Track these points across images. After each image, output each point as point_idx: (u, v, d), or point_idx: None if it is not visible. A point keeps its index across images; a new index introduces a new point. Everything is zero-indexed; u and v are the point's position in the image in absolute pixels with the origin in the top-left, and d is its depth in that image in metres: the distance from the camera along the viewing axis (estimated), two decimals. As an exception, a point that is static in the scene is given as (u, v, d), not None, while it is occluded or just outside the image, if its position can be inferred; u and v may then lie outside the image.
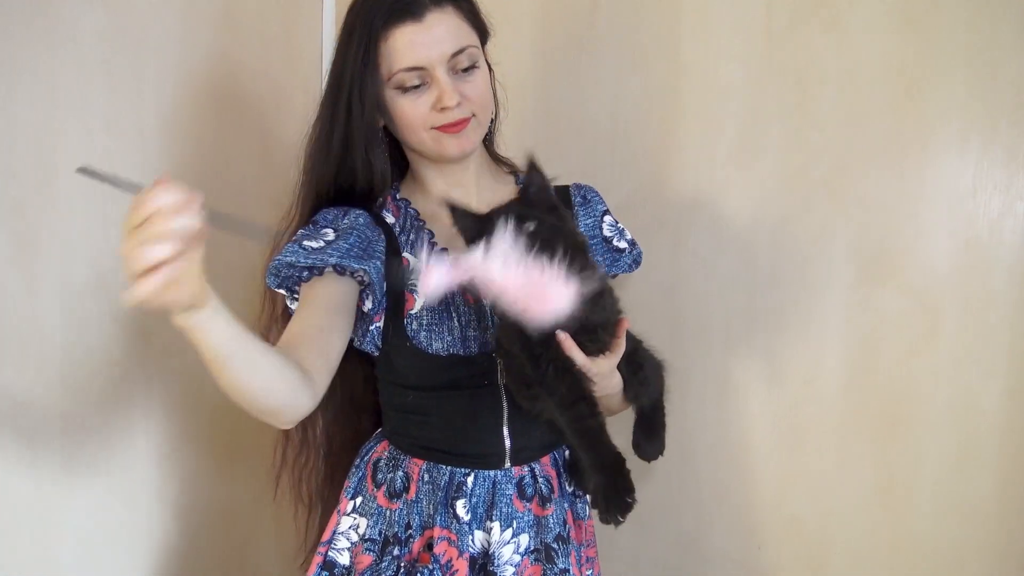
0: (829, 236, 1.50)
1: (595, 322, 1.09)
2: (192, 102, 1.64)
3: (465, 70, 1.23)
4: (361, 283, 1.24)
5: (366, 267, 1.21)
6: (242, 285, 1.44)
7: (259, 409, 1.07)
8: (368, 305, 1.25)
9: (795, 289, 1.54)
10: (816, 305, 1.52)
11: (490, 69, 1.32)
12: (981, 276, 1.41)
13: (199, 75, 1.65)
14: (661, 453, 1.29)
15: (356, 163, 1.27)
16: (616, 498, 1.06)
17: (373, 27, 1.20)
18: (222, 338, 0.96)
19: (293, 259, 1.20)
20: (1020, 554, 1.42)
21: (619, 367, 1.16)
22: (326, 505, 1.43)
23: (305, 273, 1.21)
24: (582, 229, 1.36)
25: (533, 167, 1.15)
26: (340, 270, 1.21)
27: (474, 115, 1.25)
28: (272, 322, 1.36)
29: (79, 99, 1.45)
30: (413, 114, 1.23)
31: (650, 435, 1.29)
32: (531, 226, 1.05)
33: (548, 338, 1.07)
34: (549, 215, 1.11)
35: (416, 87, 1.22)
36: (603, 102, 1.68)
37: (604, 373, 1.13)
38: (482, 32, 1.30)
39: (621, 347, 1.13)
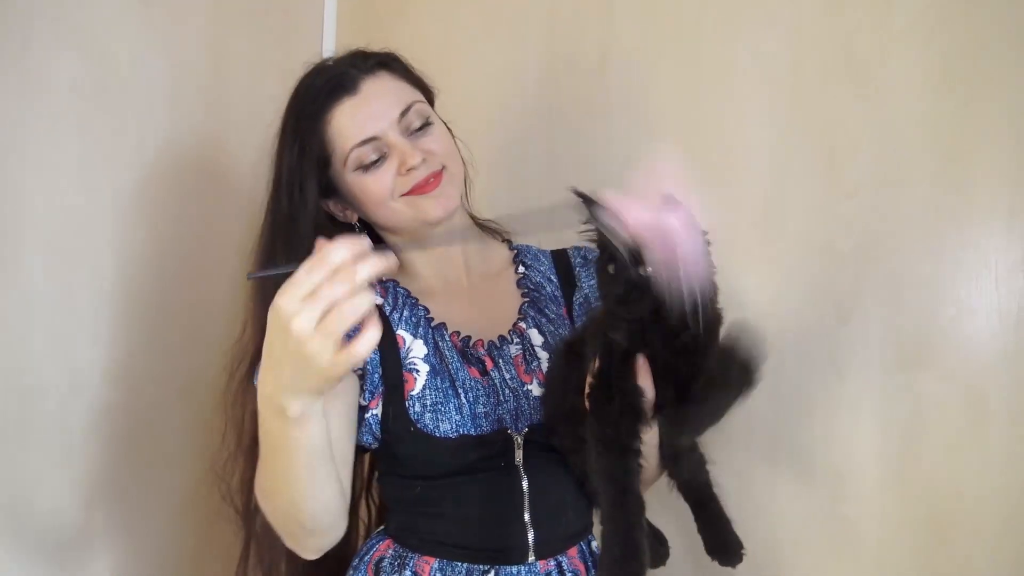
0: (861, 315, 1.41)
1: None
2: (175, 163, 1.59)
3: (420, 128, 1.19)
4: (360, 375, 1.16)
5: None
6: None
7: (315, 527, 1.05)
8: (364, 397, 1.17)
9: (824, 373, 1.43)
10: (848, 391, 1.41)
11: (447, 127, 1.27)
12: None
13: (184, 133, 1.60)
14: (742, 549, 1.19)
15: None
16: (631, 573, 0.97)
17: (310, 116, 1.17)
18: (323, 434, 0.96)
19: None
20: None
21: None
22: None
23: None
24: (585, 291, 1.30)
25: None
26: None
27: (445, 167, 1.19)
28: (236, 455, 1.25)
29: (51, 156, 1.38)
30: (379, 187, 1.18)
31: (718, 529, 1.20)
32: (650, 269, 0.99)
33: (628, 361, 1.02)
34: None
35: (376, 162, 1.17)
36: (613, 168, 1.60)
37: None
38: (424, 90, 1.27)
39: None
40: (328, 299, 0.82)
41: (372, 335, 0.84)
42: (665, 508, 1.31)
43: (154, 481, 1.56)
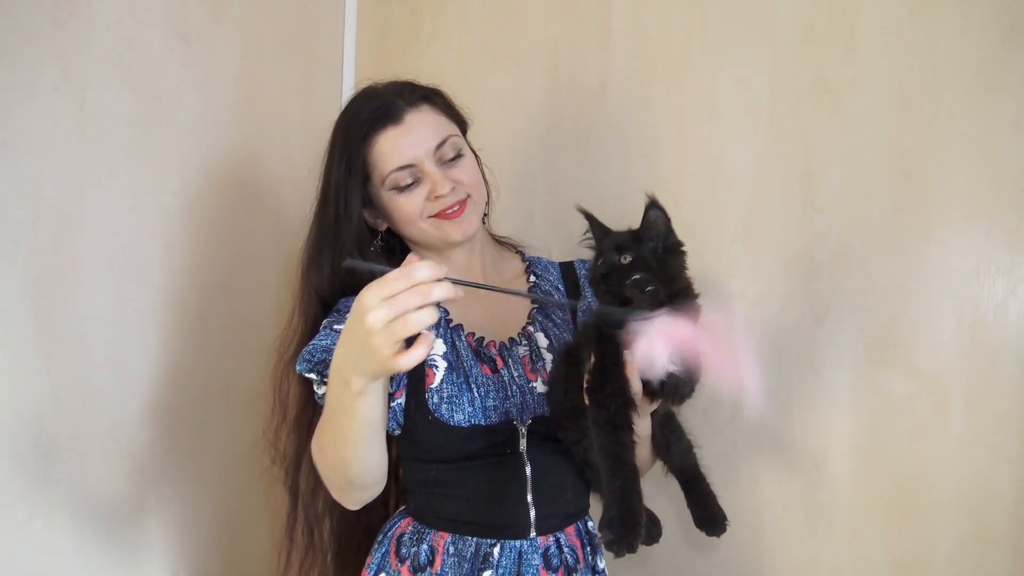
0: (834, 317, 1.50)
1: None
2: (213, 183, 1.70)
3: (452, 159, 1.29)
4: None
5: None
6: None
7: (361, 483, 1.16)
8: (391, 386, 1.28)
9: (801, 370, 1.53)
10: (823, 386, 1.51)
11: (476, 155, 1.38)
12: (988, 358, 1.40)
13: (221, 157, 1.72)
14: (725, 520, 1.28)
15: None
16: (626, 530, 1.08)
17: (356, 138, 1.27)
18: (379, 408, 1.07)
19: (330, 342, 1.22)
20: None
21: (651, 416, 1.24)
22: None
23: None
24: (589, 300, 1.39)
25: (654, 203, 1.21)
26: None
27: (469, 196, 1.31)
28: (282, 426, 1.38)
29: (105, 180, 1.51)
30: (410, 208, 1.29)
31: (704, 504, 1.29)
32: (628, 257, 1.18)
33: (618, 357, 1.14)
34: (655, 251, 1.20)
35: (410, 185, 1.28)
36: (611, 185, 1.71)
37: (645, 410, 1.19)
38: (460, 122, 1.37)
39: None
40: (401, 307, 0.93)
41: (418, 353, 0.95)
42: (660, 493, 1.43)
43: (198, 469, 1.69)
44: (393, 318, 0.93)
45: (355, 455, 1.10)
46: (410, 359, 0.95)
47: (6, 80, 1.35)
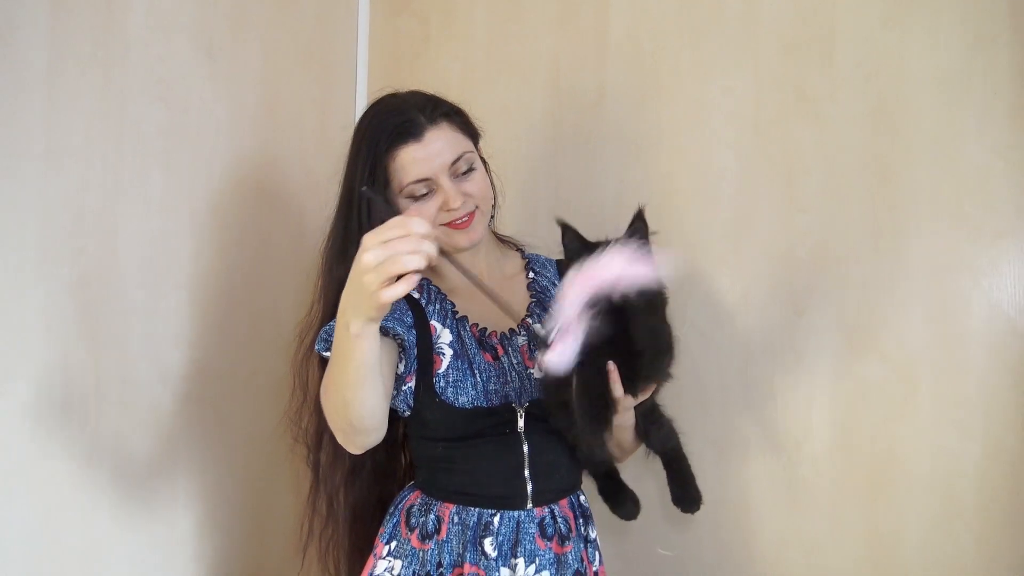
0: (814, 309, 1.59)
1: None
2: (237, 188, 1.81)
3: (465, 173, 1.37)
4: (400, 347, 1.37)
5: (404, 333, 1.35)
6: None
7: (360, 426, 1.23)
8: (400, 368, 1.38)
9: (785, 358, 1.62)
10: (805, 373, 1.60)
11: (485, 163, 1.46)
12: (954, 346, 1.49)
13: (244, 163, 1.82)
14: (699, 499, 1.37)
15: None
16: (617, 496, 1.29)
17: (378, 149, 1.35)
18: (373, 353, 1.15)
19: None
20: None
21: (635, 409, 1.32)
22: (353, 573, 1.53)
23: None
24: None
25: (640, 217, 1.29)
26: (385, 332, 1.34)
27: (477, 207, 1.39)
28: (303, 408, 1.48)
29: (140, 187, 1.62)
30: (423, 216, 1.35)
31: (681, 484, 1.38)
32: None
33: (602, 367, 1.22)
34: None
35: (425, 195, 1.36)
36: (608, 187, 1.80)
37: (628, 406, 1.29)
38: (474, 136, 1.45)
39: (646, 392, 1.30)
40: (394, 249, 1.03)
41: (400, 288, 1.04)
42: (646, 474, 1.53)
43: (226, 452, 1.80)
44: (386, 258, 1.03)
45: (354, 397, 1.18)
46: (393, 292, 1.04)
47: (52, 95, 1.46)
